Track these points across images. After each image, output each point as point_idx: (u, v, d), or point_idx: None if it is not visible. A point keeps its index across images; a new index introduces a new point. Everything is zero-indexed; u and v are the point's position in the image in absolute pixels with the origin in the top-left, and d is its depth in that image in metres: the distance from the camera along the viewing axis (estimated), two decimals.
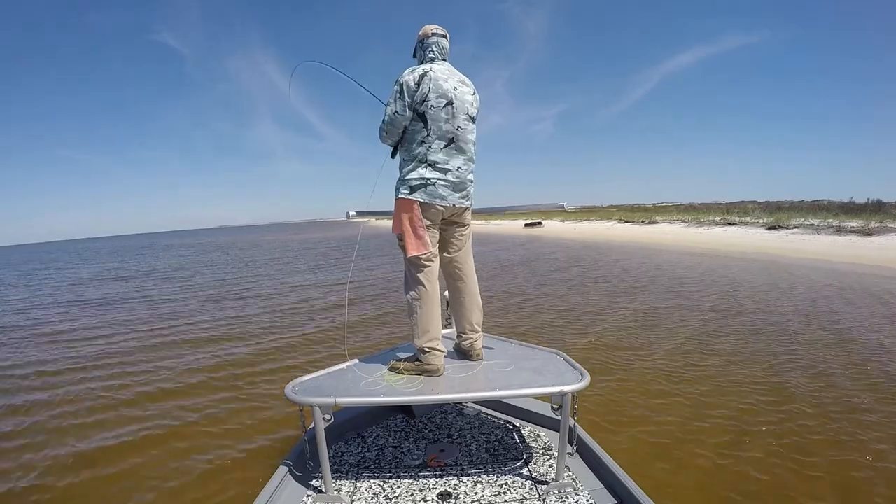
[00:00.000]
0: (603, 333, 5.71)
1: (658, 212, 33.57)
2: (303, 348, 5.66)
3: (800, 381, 3.95)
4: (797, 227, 18.03)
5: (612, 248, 18.14)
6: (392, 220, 2.00)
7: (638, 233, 24.57)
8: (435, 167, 1.89)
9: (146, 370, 5.05)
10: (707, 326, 5.88)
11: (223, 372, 4.87)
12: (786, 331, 5.56)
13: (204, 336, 6.55)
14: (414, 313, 1.97)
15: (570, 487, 1.73)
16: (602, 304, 7.51)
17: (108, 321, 8.02)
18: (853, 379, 3.98)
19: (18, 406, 4.20)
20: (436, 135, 1.88)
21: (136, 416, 3.83)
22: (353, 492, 1.75)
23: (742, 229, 20.16)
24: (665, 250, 16.16)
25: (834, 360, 4.46)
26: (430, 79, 1.86)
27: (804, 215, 20.28)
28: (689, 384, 3.98)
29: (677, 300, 7.54)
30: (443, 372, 1.96)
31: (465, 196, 2.00)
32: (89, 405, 4.13)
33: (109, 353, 5.93)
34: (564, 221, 36.38)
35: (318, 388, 1.78)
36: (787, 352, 4.77)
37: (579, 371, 1.84)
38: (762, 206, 27.73)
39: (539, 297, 8.27)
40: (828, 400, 3.58)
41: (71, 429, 3.67)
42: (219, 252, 26.72)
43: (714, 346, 5.07)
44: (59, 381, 4.83)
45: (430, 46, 1.99)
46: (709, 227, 22.33)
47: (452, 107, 1.89)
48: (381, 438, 2.20)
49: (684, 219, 26.54)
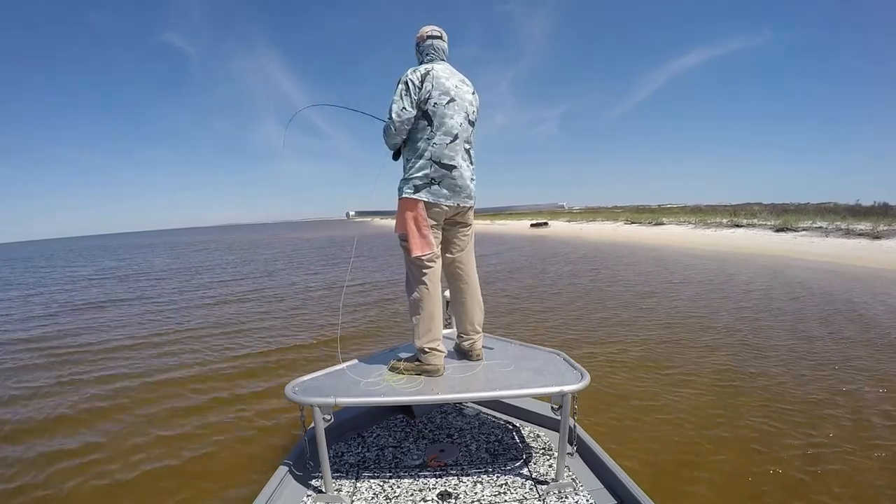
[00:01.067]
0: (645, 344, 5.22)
1: (664, 213, 33.42)
2: (302, 348, 5.66)
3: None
4: (805, 230, 17.88)
5: (631, 250, 17.51)
6: (395, 220, 2.00)
7: (646, 234, 24.33)
8: (440, 164, 1.89)
9: (144, 369, 5.06)
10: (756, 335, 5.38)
11: (223, 372, 4.89)
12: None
13: (204, 335, 6.56)
14: (416, 313, 1.97)
15: (570, 487, 1.73)
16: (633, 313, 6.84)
17: (108, 319, 8.06)
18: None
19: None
20: (440, 131, 1.89)
21: (135, 416, 3.85)
22: (353, 492, 1.75)
23: (750, 231, 20.01)
24: (687, 253, 15.52)
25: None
26: (433, 76, 1.88)
27: (812, 217, 20.10)
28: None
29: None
30: (443, 372, 1.95)
31: (469, 195, 2.00)
32: (83, 407, 4.11)
33: (108, 350, 5.97)
34: (570, 222, 36.27)
35: (319, 388, 1.78)
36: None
37: (579, 371, 1.84)
38: (769, 209, 27.52)
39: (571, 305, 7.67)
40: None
41: (63, 427, 3.68)
42: (220, 252, 26.64)
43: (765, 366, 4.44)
44: (42, 386, 4.75)
45: (428, 48, 2.02)
46: (717, 229, 22.16)
47: (455, 104, 1.91)
48: (381, 438, 2.20)
49: (691, 220, 26.41)
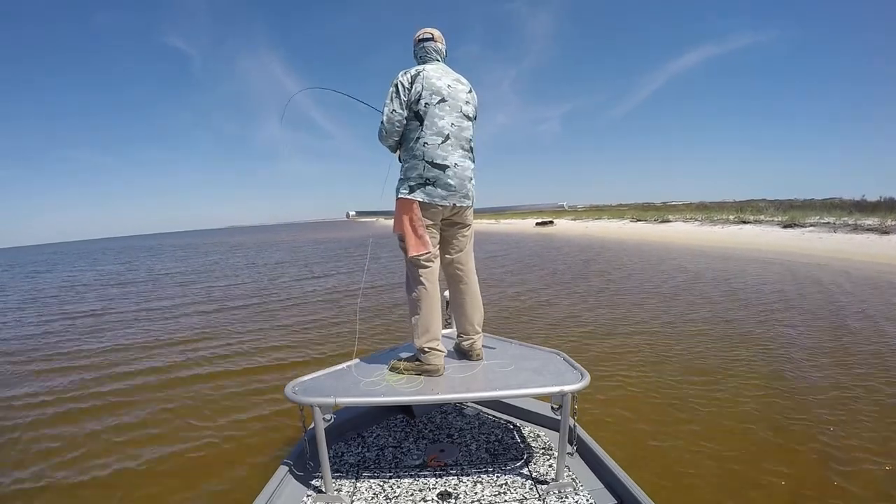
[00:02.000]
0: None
1: (670, 210, 33.21)
2: (303, 349, 5.66)
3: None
4: (813, 226, 17.70)
5: (640, 248, 17.00)
6: (393, 220, 2.02)
7: (652, 232, 24.09)
8: (433, 164, 1.90)
9: (143, 369, 5.08)
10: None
11: (223, 371, 4.89)
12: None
13: (204, 335, 6.58)
14: (415, 313, 1.99)
15: (570, 487, 1.72)
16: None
17: (106, 319, 8.13)
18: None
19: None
20: (431, 131, 1.90)
21: (135, 416, 3.86)
22: (353, 492, 1.75)
23: (758, 228, 19.80)
24: (701, 252, 14.87)
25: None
26: (423, 77, 1.91)
27: (819, 213, 19.86)
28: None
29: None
30: (443, 372, 1.96)
31: (466, 195, 2.00)
32: (85, 405, 4.13)
33: (107, 349, 6.01)
34: (575, 220, 36.11)
35: (318, 388, 1.78)
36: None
37: (579, 371, 1.83)
38: (775, 205, 27.25)
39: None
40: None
41: (62, 425, 3.70)
42: (222, 255, 26.68)
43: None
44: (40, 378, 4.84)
45: (420, 51, 2.06)
46: (723, 226, 21.93)
47: (446, 104, 1.93)
48: (381, 438, 2.21)
49: (697, 217, 26.18)
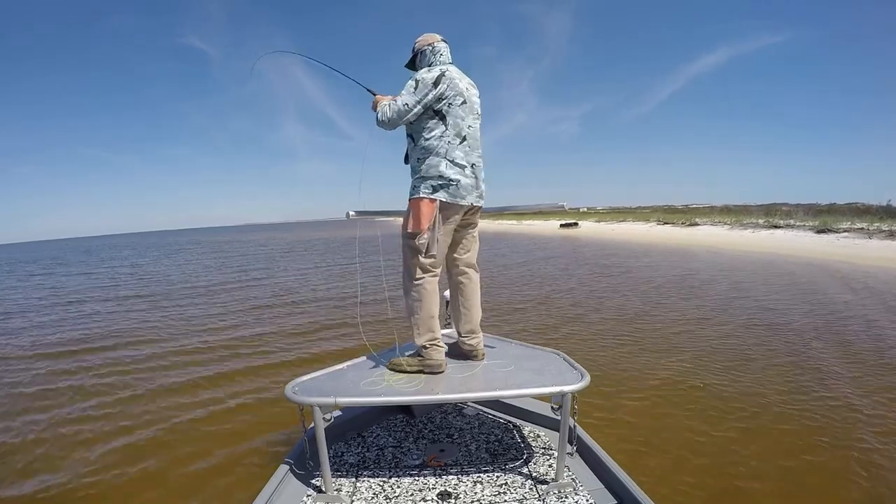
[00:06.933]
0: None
1: (696, 213, 32.43)
2: (303, 349, 5.68)
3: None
4: (847, 231, 17.14)
5: (696, 255, 15.35)
6: (404, 219, 2.00)
7: (682, 235, 23.20)
8: (455, 164, 1.91)
9: (142, 368, 5.13)
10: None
11: (223, 371, 4.92)
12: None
13: (203, 334, 6.61)
14: (416, 313, 1.98)
15: (570, 487, 1.70)
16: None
17: (109, 318, 8.25)
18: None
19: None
20: (453, 131, 1.92)
21: (134, 416, 3.89)
22: (353, 492, 1.76)
23: (790, 232, 19.15)
24: (768, 262, 13.26)
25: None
26: (448, 78, 1.91)
27: (850, 218, 19.15)
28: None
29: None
30: (444, 368, 1.96)
31: (481, 195, 2.02)
32: (90, 404, 4.17)
33: (106, 348, 6.09)
34: (600, 222, 35.60)
35: (318, 388, 1.79)
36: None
37: (579, 371, 1.81)
38: (804, 209, 26.41)
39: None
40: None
41: (69, 429, 3.72)
42: (229, 253, 26.45)
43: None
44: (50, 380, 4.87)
45: (439, 52, 2.03)
46: (754, 231, 21.18)
47: (466, 106, 1.96)
48: (381, 438, 2.21)
49: (726, 221, 25.47)
